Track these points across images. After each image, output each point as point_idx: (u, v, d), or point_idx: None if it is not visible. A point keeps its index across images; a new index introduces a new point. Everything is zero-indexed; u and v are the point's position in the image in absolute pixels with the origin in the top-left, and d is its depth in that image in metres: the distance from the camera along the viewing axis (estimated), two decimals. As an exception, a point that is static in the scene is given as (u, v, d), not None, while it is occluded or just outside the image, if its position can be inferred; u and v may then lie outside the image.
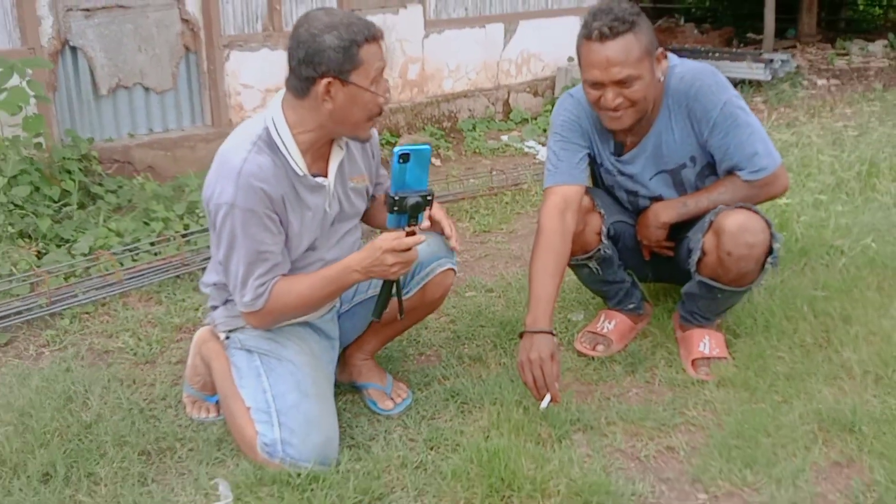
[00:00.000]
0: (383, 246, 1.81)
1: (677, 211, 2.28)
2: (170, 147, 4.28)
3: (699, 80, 2.16)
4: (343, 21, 1.80)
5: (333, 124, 1.87)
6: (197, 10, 4.33)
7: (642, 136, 2.25)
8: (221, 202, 1.81)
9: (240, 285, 1.88)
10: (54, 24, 3.80)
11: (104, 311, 2.86)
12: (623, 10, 2.03)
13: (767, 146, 2.19)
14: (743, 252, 2.11)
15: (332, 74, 1.79)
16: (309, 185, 1.92)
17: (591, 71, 2.07)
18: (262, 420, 1.91)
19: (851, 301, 2.56)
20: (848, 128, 4.22)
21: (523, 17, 6.14)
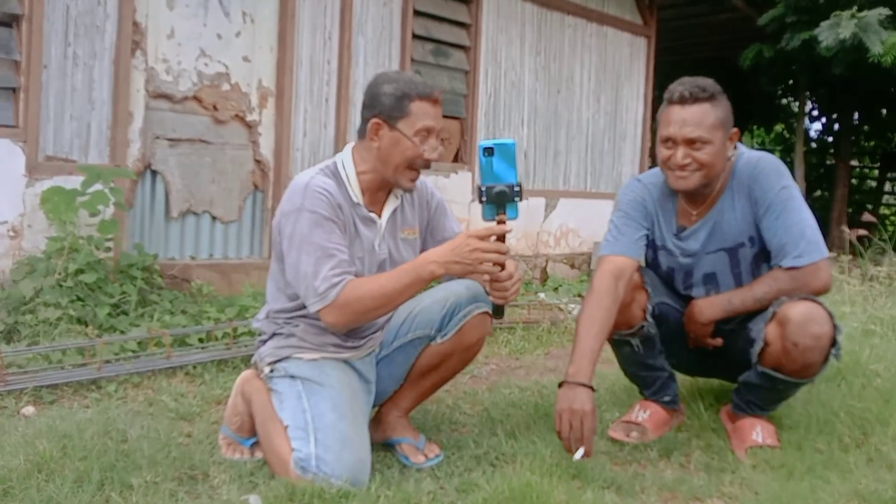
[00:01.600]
0: (468, 232, 1.91)
1: (722, 308, 2.33)
2: (226, 271, 4.53)
3: (762, 164, 2.29)
4: (405, 78, 2.08)
5: (381, 165, 2.08)
6: (269, 153, 4.76)
7: (705, 215, 2.36)
8: (290, 210, 2.01)
9: (311, 279, 1.96)
10: (141, 148, 4.22)
11: (149, 385, 2.95)
12: (706, 82, 2.25)
13: (815, 236, 2.23)
14: (809, 343, 2.13)
15: (382, 117, 2.05)
16: (363, 215, 2.11)
17: (667, 128, 2.25)
18: (299, 437, 1.94)
19: (888, 409, 2.55)
20: (879, 296, 4.32)
21: (563, 195, 6.56)
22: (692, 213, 2.38)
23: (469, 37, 5.77)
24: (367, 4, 5.11)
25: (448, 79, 5.71)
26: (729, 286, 2.37)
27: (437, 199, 2.33)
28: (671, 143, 2.26)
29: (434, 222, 2.31)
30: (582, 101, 6.80)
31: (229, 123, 4.57)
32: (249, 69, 4.62)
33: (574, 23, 6.62)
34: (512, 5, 6.09)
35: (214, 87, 4.48)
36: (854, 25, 7.10)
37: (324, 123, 4.96)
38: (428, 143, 2.06)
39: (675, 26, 9.27)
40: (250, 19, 4.61)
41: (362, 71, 5.12)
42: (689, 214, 2.39)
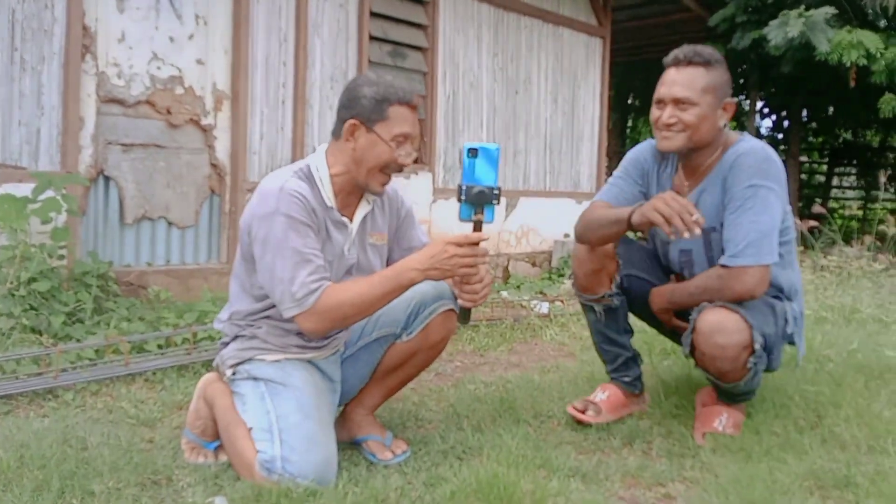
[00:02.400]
0: (446, 240, 1.91)
1: (666, 299, 2.39)
2: (184, 277, 4.47)
3: (746, 157, 2.24)
4: (386, 81, 2.05)
5: (354, 166, 2.07)
6: (226, 157, 4.71)
7: (693, 189, 2.36)
8: (263, 213, 1.97)
9: (287, 284, 1.92)
10: (93, 154, 4.15)
11: (108, 392, 2.90)
12: (706, 49, 2.27)
13: (760, 241, 2.17)
14: (716, 353, 2.16)
15: (360, 119, 2.03)
16: (335, 219, 2.10)
17: (659, 89, 2.28)
18: (263, 438, 1.93)
19: (840, 393, 2.62)
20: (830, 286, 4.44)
21: (524, 194, 6.61)
22: (685, 184, 2.39)
23: (426, 38, 5.78)
24: (322, 6, 5.09)
25: (406, 80, 5.65)
26: (702, 266, 2.38)
27: (406, 208, 2.31)
28: (661, 103, 2.29)
29: (402, 231, 2.30)
30: (540, 102, 6.86)
31: (184, 127, 4.52)
32: (203, 72, 4.57)
33: (530, 24, 6.68)
34: (468, 7, 6.12)
35: (168, 90, 4.42)
36: (802, 24, 7.29)
37: (280, 126, 4.93)
38: (403, 147, 2.06)
39: (630, 27, 9.41)
40: (203, 21, 4.56)
41: (318, 72, 5.10)
42: (683, 186, 2.39)
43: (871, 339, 3.29)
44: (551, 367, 3.25)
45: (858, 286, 4.27)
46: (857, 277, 4.44)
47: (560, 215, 6.79)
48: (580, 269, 2.46)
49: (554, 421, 2.53)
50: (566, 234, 6.62)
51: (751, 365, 2.20)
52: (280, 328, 2.10)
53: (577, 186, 7.25)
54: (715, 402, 2.42)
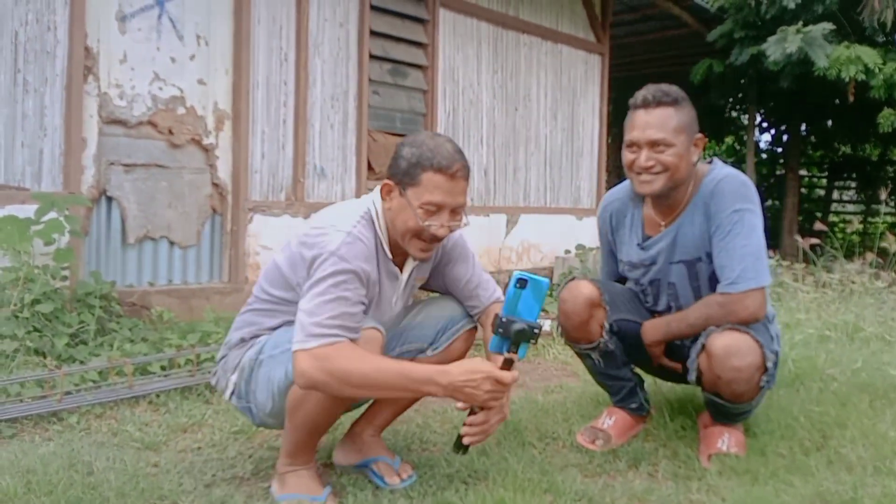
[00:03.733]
0: (486, 371, 1.77)
1: (662, 331, 2.39)
2: (186, 296, 4.47)
3: (724, 182, 2.26)
4: (430, 145, 1.94)
5: (391, 227, 2.00)
6: (227, 177, 4.73)
7: (670, 225, 2.37)
8: (326, 250, 1.88)
9: (306, 316, 1.83)
10: (95, 175, 4.16)
11: (112, 415, 2.89)
12: (670, 88, 2.28)
13: (755, 264, 2.20)
14: (731, 375, 2.17)
15: (395, 180, 1.97)
16: (389, 269, 2.06)
17: (631, 132, 2.28)
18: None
19: (845, 413, 2.62)
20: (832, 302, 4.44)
21: (524, 211, 6.62)
22: (660, 223, 2.40)
23: (426, 56, 5.81)
24: (322, 26, 5.12)
25: (406, 98, 5.75)
26: (688, 299, 2.41)
27: (452, 240, 2.20)
28: (635, 147, 2.28)
29: (445, 264, 2.22)
30: (539, 118, 6.89)
31: (185, 147, 4.53)
32: (205, 92, 4.59)
33: (529, 41, 6.71)
34: (468, 25, 6.16)
35: (169, 111, 4.44)
36: (800, 40, 7.33)
37: (282, 144, 4.94)
38: (436, 217, 1.93)
39: (628, 43, 9.48)
40: (204, 42, 4.58)
41: (319, 91, 5.12)
42: (657, 225, 2.41)
43: (874, 357, 3.29)
44: (555, 388, 3.25)
45: (861, 303, 4.27)
46: (860, 294, 4.44)
47: (561, 231, 6.80)
48: (568, 322, 2.45)
49: (559, 443, 2.52)
50: (567, 251, 6.62)
51: (763, 384, 2.22)
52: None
53: (577, 202, 7.27)
54: (713, 423, 2.42)
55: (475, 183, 6.25)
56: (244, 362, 2.06)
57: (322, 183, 5.19)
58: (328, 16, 5.15)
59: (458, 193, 1.94)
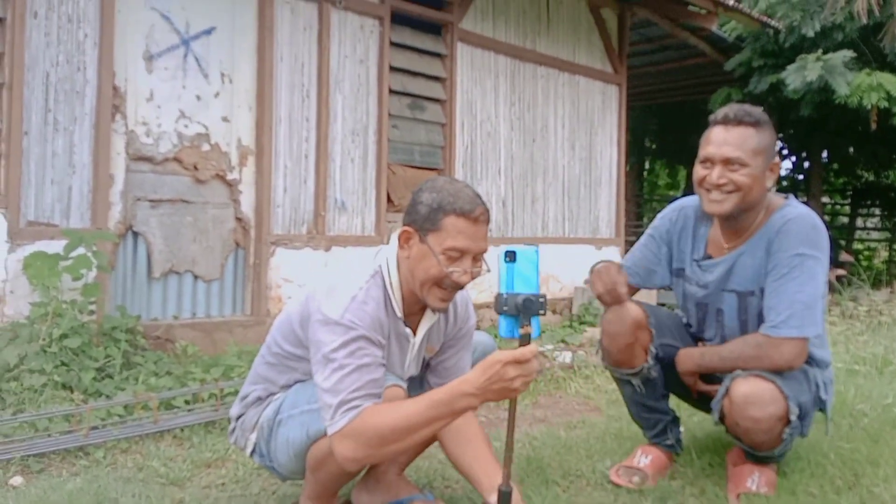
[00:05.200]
0: (502, 358, 1.64)
1: (695, 362, 2.34)
2: (209, 330, 4.51)
3: (793, 223, 2.19)
4: (450, 189, 1.88)
5: (410, 277, 1.92)
6: (251, 211, 4.78)
7: (734, 251, 2.30)
8: (331, 318, 1.83)
9: (330, 396, 1.77)
10: (122, 210, 4.22)
11: (137, 450, 2.91)
12: (754, 109, 2.23)
13: (804, 313, 2.13)
14: (749, 425, 2.14)
15: (414, 227, 1.90)
16: (399, 331, 1.98)
17: (706, 147, 2.21)
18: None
19: (877, 450, 2.58)
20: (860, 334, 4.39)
21: (543, 241, 6.63)
22: (725, 246, 2.33)
23: (444, 90, 5.87)
24: (343, 63, 5.20)
25: (425, 131, 5.80)
26: (734, 330, 2.34)
27: (468, 328, 2.15)
28: (709, 162, 2.21)
29: (449, 346, 2.14)
30: (557, 149, 6.92)
31: (210, 182, 4.60)
32: (229, 129, 4.67)
33: (546, 73, 6.76)
34: (485, 58, 6.22)
35: (194, 147, 4.51)
36: (820, 68, 7.33)
37: (304, 179, 4.99)
38: (459, 264, 1.86)
39: (645, 72, 9.52)
40: (229, 80, 4.66)
41: (340, 126, 5.18)
42: (721, 247, 2.34)
43: (904, 390, 3.24)
44: (578, 423, 3.22)
45: (890, 335, 4.22)
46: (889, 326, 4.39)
47: (580, 262, 6.79)
48: (613, 344, 2.38)
49: (583, 480, 2.50)
50: (586, 281, 6.60)
51: (786, 436, 2.17)
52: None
53: (596, 232, 7.26)
54: (744, 461, 2.39)
55: (494, 214, 6.27)
56: (262, 422, 2.05)
57: (343, 216, 5.23)
58: (349, 52, 5.23)
59: (481, 238, 1.89)
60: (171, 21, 4.41)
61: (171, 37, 4.41)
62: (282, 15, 4.85)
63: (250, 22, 4.74)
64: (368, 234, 5.37)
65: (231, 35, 4.65)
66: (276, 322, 2.13)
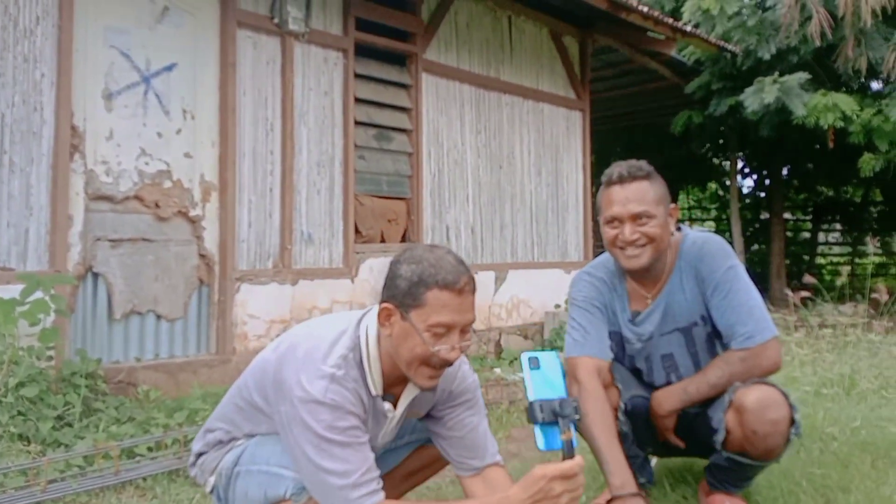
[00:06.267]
0: (548, 473, 1.56)
1: (679, 398, 2.33)
2: (173, 371, 4.41)
3: (708, 245, 2.30)
4: (430, 260, 1.73)
5: (395, 355, 1.78)
6: (214, 247, 4.71)
7: (657, 297, 2.36)
8: (305, 398, 1.71)
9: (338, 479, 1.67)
10: (81, 252, 4.13)
11: (98, 503, 2.82)
12: (640, 163, 2.29)
13: (763, 315, 2.24)
14: (768, 429, 2.13)
15: (394, 303, 1.74)
16: (377, 408, 1.85)
17: (611, 208, 2.26)
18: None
19: (848, 476, 2.58)
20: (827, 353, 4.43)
21: (512, 267, 6.63)
22: (646, 296, 2.39)
23: (410, 120, 5.87)
24: (308, 95, 5.17)
25: (392, 161, 5.78)
26: (687, 366, 2.37)
27: (463, 388, 1.98)
28: (616, 221, 2.26)
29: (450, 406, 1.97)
30: (524, 175, 6.94)
31: (172, 220, 4.52)
32: (191, 165, 4.60)
33: (511, 101, 6.80)
34: (450, 88, 6.24)
35: (156, 184, 4.44)
36: (777, 90, 7.47)
37: (269, 213, 4.94)
38: (446, 340, 1.72)
39: (608, 97, 9.63)
40: (191, 116, 4.61)
41: (305, 158, 5.15)
42: (642, 298, 2.39)
43: (873, 413, 3.25)
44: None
45: (856, 355, 4.26)
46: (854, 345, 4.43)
47: (550, 286, 6.80)
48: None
49: (559, 518, 2.45)
50: (557, 305, 6.61)
51: (791, 436, 2.18)
52: None
53: (564, 256, 7.28)
54: (715, 491, 2.37)
55: (463, 241, 6.26)
56: (221, 468, 1.98)
57: (309, 249, 5.17)
58: (313, 85, 5.20)
59: (467, 310, 1.73)
60: (131, 58, 4.36)
61: (131, 74, 4.35)
62: (244, 50, 4.82)
63: (212, 57, 4.70)
64: (336, 266, 5.32)
65: (193, 71, 4.61)
66: (251, 366, 2.02)
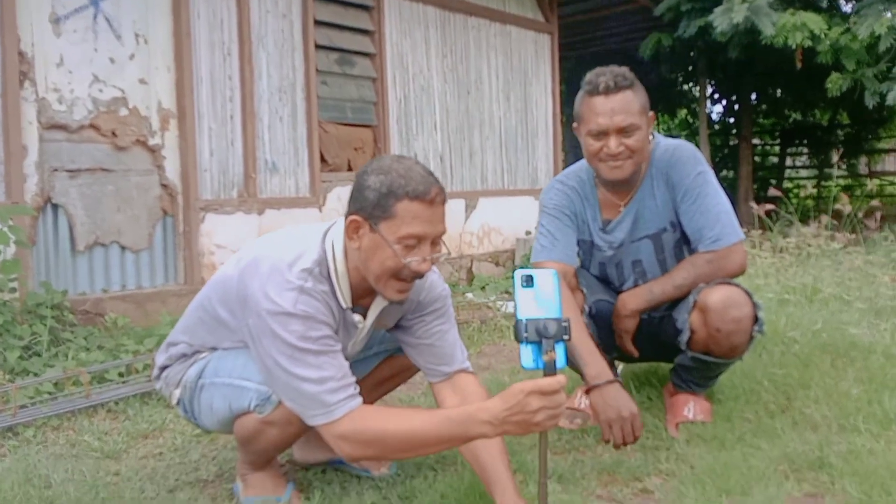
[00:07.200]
0: (525, 388, 1.51)
1: (644, 298, 2.35)
2: (142, 301, 4.37)
3: (679, 151, 2.32)
4: (399, 170, 1.70)
5: (363, 268, 1.76)
6: (176, 177, 4.62)
7: (629, 205, 2.37)
8: (283, 310, 1.69)
9: (315, 385, 1.67)
10: (38, 183, 4.03)
11: (70, 426, 2.81)
12: (623, 70, 2.24)
13: (731, 219, 2.27)
14: (731, 327, 2.17)
15: (362, 215, 1.71)
16: (347, 319, 1.85)
17: (596, 120, 2.21)
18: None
19: (808, 374, 2.65)
20: (790, 266, 4.50)
21: (483, 194, 6.60)
22: (618, 204, 2.38)
23: (373, 43, 5.74)
24: (265, 17, 5.02)
25: (356, 87, 5.67)
26: (655, 273, 2.39)
27: (432, 297, 1.97)
28: (603, 135, 2.22)
29: (419, 315, 1.97)
30: (492, 101, 6.86)
31: (131, 149, 4.41)
32: (147, 91, 4.47)
33: (477, 24, 6.67)
34: (414, 10, 6.09)
35: (111, 112, 4.31)
36: (746, 10, 7.39)
37: (230, 141, 4.84)
38: (416, 252, 1.69)
39: (576, 21, 9.47)
40: (143, 40, 4.46)
41: (266, 85, 5.03)
42: (615, 206, 2.39)
43: (834, 317, 3.33)
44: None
45: (818, 266, 4.33)
46: (817, 257, 4.51)
47: (520, 213, 6.80)
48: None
49: (527, 423, 2.50)
50: (528, 232, 6.62)
51: (755, 334, 2.23)
52: None
53: (535, 183, 7.26)
54: (678, 392, 2.42)
55: (431, 169, 6.18)
56: (185, 381, 1.97)
57: (274, 178, 5.10)
58: (270, 7, 5.04)
59: (438, 221, 1.71)
60: (78, -20, 4.18)
61: (79, -3, 4.18)
62: (197, -30, 4.64)
63: (163, -22, 4.52)
64: (303, 195, 5.26)
65: (143, -7, 4.43)
66: (212, 280, 1.99)
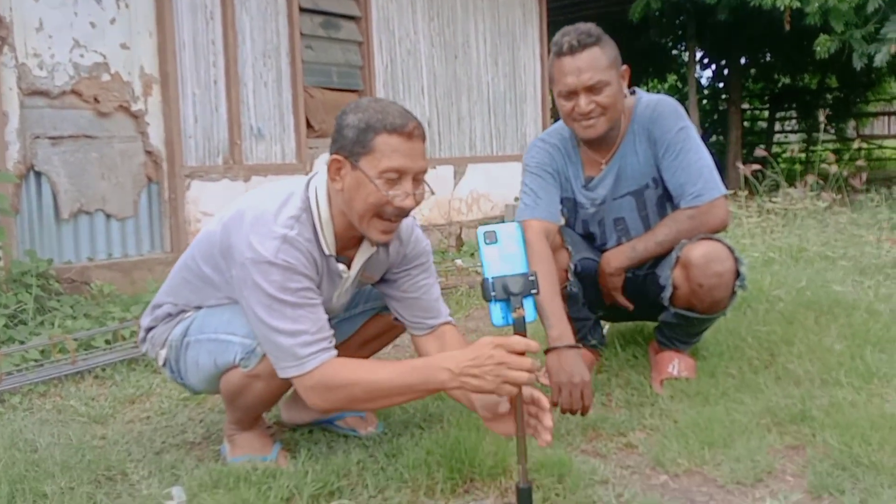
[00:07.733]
0: (493, 341, 1.52)
1: (627, 255, 2.35)
2: (128, 269, 4.35)
3: (660, 106, 2.31)
4: (376, 107, 1.71)
5: (347, 209, 1.75)
6: (160, 143, 4.57)
7: (610, 162, 2.37)
8: (264, 259, 1.68)
9: (288, 338, 1.68)
10: (20, 150, 3.98)
11: (56, 393, 2.81)
12: (588, 27, 2.23)
13: (712, 175, 2.27)
14: (713, 282, 2.18)
15: (343, 154, 1.71)
16: (332, 268, 1.84)
17: (565, 80, 2.21)
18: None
19: (791, 331, 2.67)
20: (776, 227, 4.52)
21: (471, 160, 6.58)
22: (600, 161, 2.38)
23: (359, 6, 5.67)
24: (248, -20, 4.95)
25: (342, 51, 5.61)
26: (638, 230, 2.39)
27: (420, 258, 1.98)
28: (573, 94, 2.22)
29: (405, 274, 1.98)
30: (480, 66, 6.80)
31: (114, 115, 4.37)
32: (129, 56, 4.41)
33: (463, -14, 6.59)
34: (399, -28, 6.02)
35: (93, 78, 4.26)
36: (733, -30, 7.33)
37: (215, 106, 4.79)
38: (399, 186, 1.68)
39: (564, -17, 9.38)
40: (125, 4, 4.39)
41: (250, 49, 4.97)
42: (597, 164, 2.39)
43: (818, 276, 3.35)
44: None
45: (804, 226, 4.35)
46: (803, 217, 4.52)
47: (509, 179, 6.78)
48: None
49: (514, 382, 2.51)
50: (516, 198, 6.60)
51: (736, 289, 2.24)
52: None
53: (523, 149, 7.18)
54: (663, 349, 2.44)
55: (419, 135, 6.16)
56: (171, 340, 1.97)
57: (260, 144, 5.06)
58: (253, -31, 4.97)
59: (419, 156, 1.70)
60: (54, -59, 4.10)
61: (56, -41, 4.10)
62: (176, -69, 4.56)
63: (142, -60, 4.44)
64: (289, 161, 5.22)
65: (122, -45, 4.36)
66: (196, 240, 2.00)
